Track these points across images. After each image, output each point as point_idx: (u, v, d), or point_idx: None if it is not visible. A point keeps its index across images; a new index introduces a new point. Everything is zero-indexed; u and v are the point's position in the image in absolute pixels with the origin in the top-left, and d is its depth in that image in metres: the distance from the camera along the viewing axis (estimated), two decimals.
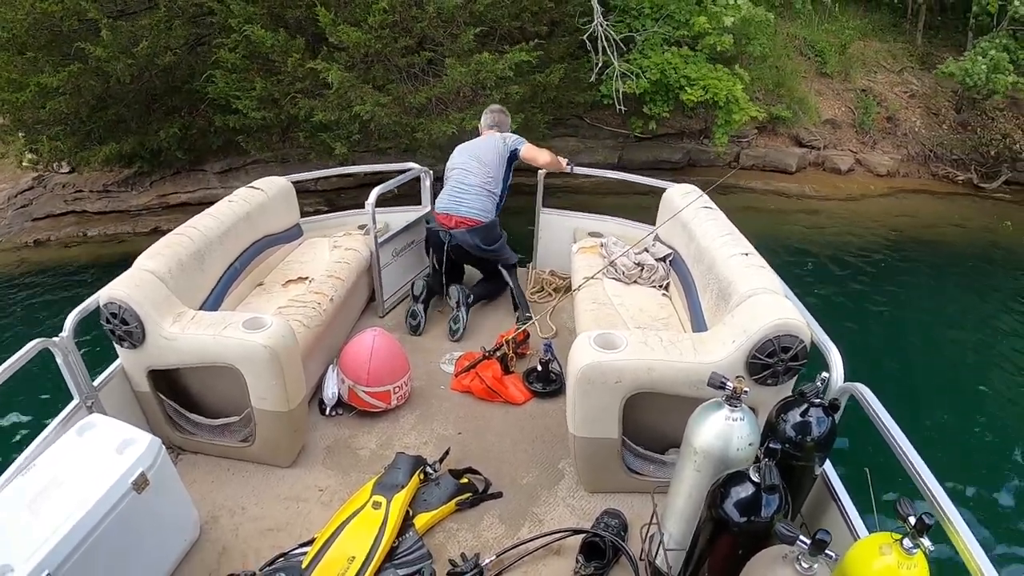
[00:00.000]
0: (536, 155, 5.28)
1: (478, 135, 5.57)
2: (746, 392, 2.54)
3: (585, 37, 10.37)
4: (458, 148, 5.39)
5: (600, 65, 10.53)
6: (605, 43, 10.23)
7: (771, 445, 2.39)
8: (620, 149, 12.86)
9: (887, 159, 13.54)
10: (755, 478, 2.34)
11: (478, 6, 8.82)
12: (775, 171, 13.29)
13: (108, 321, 3.49)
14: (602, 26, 10.13)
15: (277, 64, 9.08)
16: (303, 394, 3.72)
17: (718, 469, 2.56)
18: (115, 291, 3.44)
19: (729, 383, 2.53)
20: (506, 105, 8.84)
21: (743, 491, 2.37)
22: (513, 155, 5.27)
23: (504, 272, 5.45)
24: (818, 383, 2.72)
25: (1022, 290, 9.92)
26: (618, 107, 10.71)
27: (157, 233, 10.37)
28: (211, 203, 11.20)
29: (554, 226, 6.07)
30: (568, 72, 10.47)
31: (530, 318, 5.27)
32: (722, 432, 2.54)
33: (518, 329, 4.91)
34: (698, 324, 3.90)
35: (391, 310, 5.57)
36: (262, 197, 4.88)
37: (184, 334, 3.46)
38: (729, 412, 2.54)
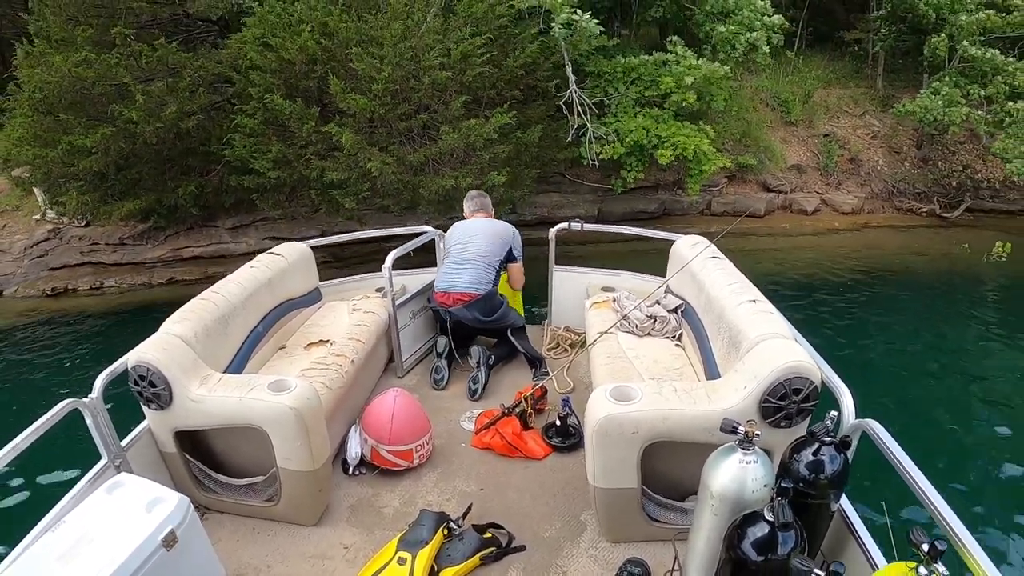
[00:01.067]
0: (518, 277, 5.39)
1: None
2: (758, 435, 2.45)
3: (562, 103, 10.85)
4: (456, 226, 5.27)
5: (576, 127, 10.90)
6: (580, 107, 10.70)
7: (783, 484, 2.36)
8: (600, 202, 13.07)
9: (852, 198, 13.63)
10: (770, 517, 2.28)
11: (466, 77, 9.29)
12: (745, 215, 13.32)
13: (136, 383, 3.34)
14: (576, 93, 10.64)
15: (292, 129, 9.44)
16: (328, 454, 3.56)
17: (735, 511, 2.47)
18: (143, 354, 3.31)
19: (740, 427, 2.46)
20: (493, 163, 9.62)
21: (759, 531, 2.31)
22: (509, 255, 5.17)
23: (512, 338, 5.24)
24: (827, 422, 2.61)
25: (979, 304, 10.29)
26: (593, 163, 11.15)
27: (173, 283, 10.98)
28: (223, 256, 11.55)
29: (567, 282, 5.85)
30: (548, 132, 10.88)
31: (547, 374, 5.10)
32: (737, 475, 2.46)
33: (535, 386, 4.69)
34: (711, 372, 3.74)
35: (410, 370, 5.37)
36: (283, 263, 4.76)
37: (211, 396, 3.33)
38: (742, 455, 2.47)
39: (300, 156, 9.69)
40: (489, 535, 3.39)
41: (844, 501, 2.91)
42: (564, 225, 5.60)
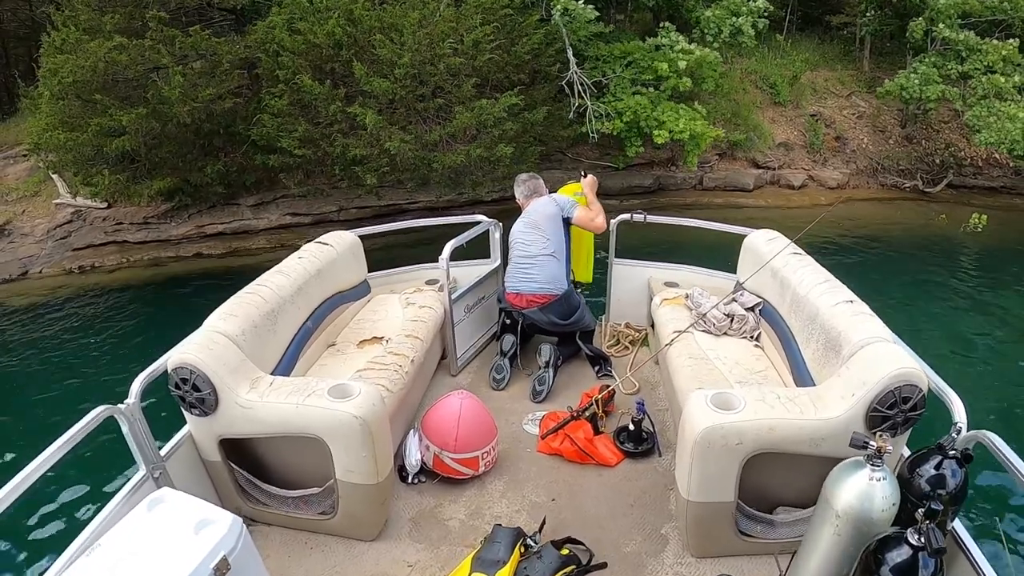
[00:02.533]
0: (590, 218, 4.31)
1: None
2: (890, 451, 2.04)
3: (564, 83, 10.66)
4: (517, 222, 4.44)
5: (577, 106, 10.68)
6: (581, 88, 10.39)
7: (933, 506, 1.94)
8: (599, 178, 12.28)
9: (837, 174, 13.07)
10: (914, 541, 1.89)
11: (478, 62, 9.16)
12: (735, 190, 12.91)
13: (178, 387, 2.73)
14: (577, 74, 10.44)
15: (319, 109, 9.21)
16: (391, 464, 2.97)
17: (860, 532, 2.07)
18: (186, 355, 2.70)
19: (872, 442, 2.04)
20: (501, 139, 9.35)
21: (900, 555, 1.92)
22: (567, 220, 4.31)
23: (580, 342, 4.45)
24: (953, 433, 2.19)
25: (952, 268, 10.08)
26: (593, 138, 10.89)
27: (200, 257, 10.59)
28: (245, 232, 10.92)
29: (627, 276, 4.99)
30: (552, 112, 10.63)
31: (611, 374, 4.40)
32: (865, 493, 2.05)
33: (605, 388, 3.92)
34: (801, 376, 3.17)
35: (463, 368, 4.59)
36: (332, 253, 4.03)
37: (263, 402, 2.73)
38: (872, 471, 2.05)
39: (326, 135, 9.33)
40: (567, 551, 2.79)
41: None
42: (626, 216, 4.74)
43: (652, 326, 4.51)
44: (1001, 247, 10.84)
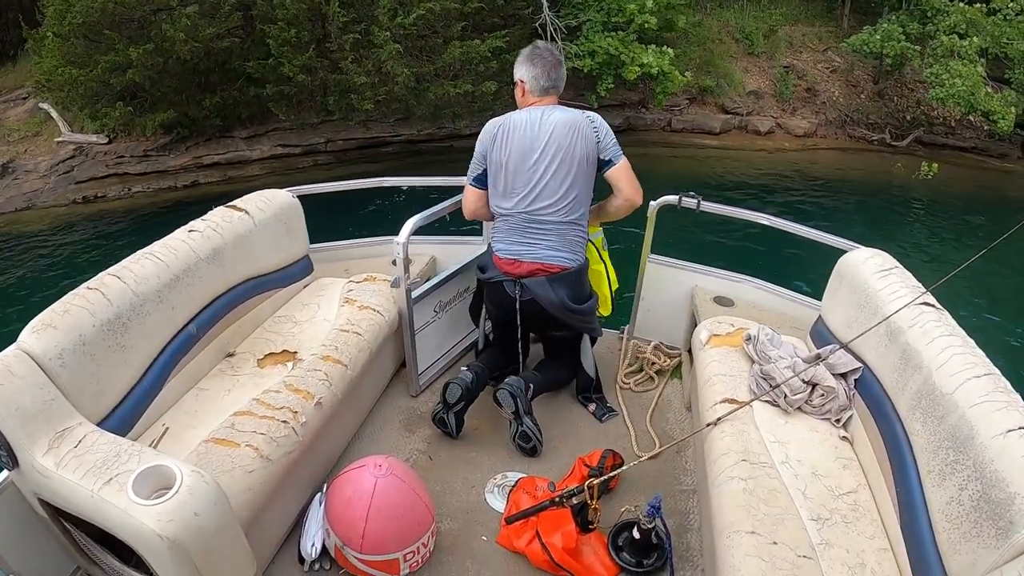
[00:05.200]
0: (633, 183, 2.47)
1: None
2: None
3: (537, 25, 10.09)
4: (504, 126, 2.45)
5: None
6: (553, 30, 10.06)
7: None
8: None
9: (805, 123, 12.20)
10: None
11: (468, 8, 9.10)
12: (702, 132, 11.99)
13: None
14: (549, 17, 10.04)
15: (331, 36, 8.81)
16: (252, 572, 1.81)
17: None
18: None
19: None
20: (483, 77, 9.24)
21: None
22: (604, 164, 2.47)
23: (588, 348, 2.78)
24: None
25: (901, 209, 9.85)
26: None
27: (196, 185, 10.07)
28: (240, 162, 10.25)
29: (664, 281, 3.11)
30: None
31: (611, 410, 2.84)
32: None
33: (609, 453, 2.39)
34: (916, 534, 1.64)
35: (429, 386, 2.93)
36: (245, 224, 2.50)
37: (57, 475, 1.62)
38: None
39: (332, 62, 8.91)
40: None
41: None
42: (672, 199, 2.87)
43: (690, 352, 2.87)
44: (950, 192, 10.48)
